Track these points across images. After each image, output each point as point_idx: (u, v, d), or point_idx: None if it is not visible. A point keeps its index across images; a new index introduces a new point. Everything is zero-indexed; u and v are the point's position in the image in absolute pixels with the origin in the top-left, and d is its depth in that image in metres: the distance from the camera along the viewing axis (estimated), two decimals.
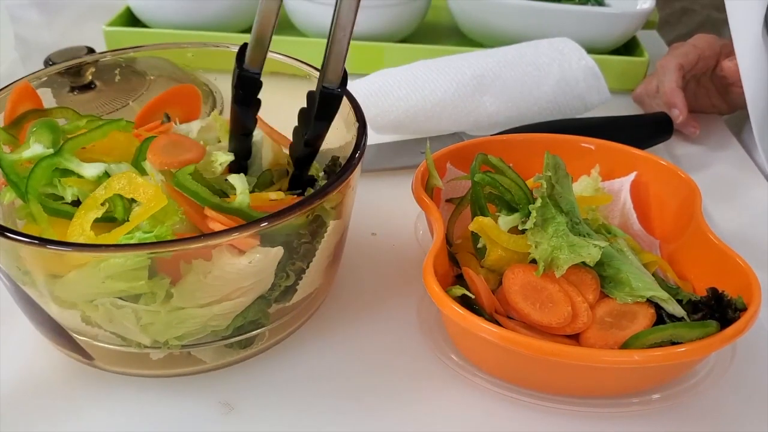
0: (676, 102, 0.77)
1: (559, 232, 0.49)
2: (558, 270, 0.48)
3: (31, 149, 0.50)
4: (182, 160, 0.48)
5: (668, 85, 0.78)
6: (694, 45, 0.81)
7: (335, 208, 0.49)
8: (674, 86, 0.78)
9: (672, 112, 0.78)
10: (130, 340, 0.47)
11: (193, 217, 0.46)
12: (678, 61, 0.79)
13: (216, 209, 0.46)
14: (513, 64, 0.76)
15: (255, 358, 0.52)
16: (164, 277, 0.44)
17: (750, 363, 0.52)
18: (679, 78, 0.78)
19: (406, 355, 0.52)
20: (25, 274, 0.45)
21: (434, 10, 1.01)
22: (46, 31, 1.03)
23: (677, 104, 0.77)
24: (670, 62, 0.80)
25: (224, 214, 0.46)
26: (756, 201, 0.72)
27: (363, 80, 0.75)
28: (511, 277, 0.49)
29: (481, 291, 0.48)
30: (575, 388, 0.48)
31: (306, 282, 0.49)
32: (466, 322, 0.44)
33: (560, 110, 0.78)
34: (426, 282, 0.46)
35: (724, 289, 0.47)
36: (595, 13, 0.90)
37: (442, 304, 0.45)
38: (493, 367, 0.49)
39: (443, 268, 0.51)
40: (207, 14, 0.93)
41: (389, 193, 0.66)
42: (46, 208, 0.48)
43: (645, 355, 0.43)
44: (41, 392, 0.50)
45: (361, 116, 0.52)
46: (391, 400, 0.49)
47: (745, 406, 0.49)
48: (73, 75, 0.68)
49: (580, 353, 0.44)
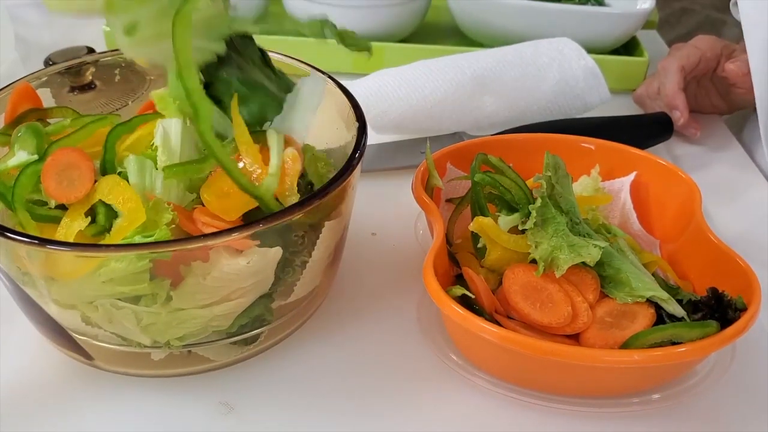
0: (678, 104, 0.77)
1: (559, 232, 0.49)
2: (558, 270, 0.48)
3: (16, 157, 0.49)
4: (71, 195, 0.47)
5: (670, 87, 0.78)
6: (696, 46, 0.81)
7: (335, 208, 0.49)
8: (676, 88, 0.78)
9: (673, 114, 0.78)
10: (131, 340, 0.47)
11: (183, 222, 0.46)
12: (680, 62, 0.79)
13: (242, 189, 0.45)
14: (513, 64, 0.76)
15: (255, 358, 0.52)
16: (165, 278, 0.44)
17: (750, 363, 0.52)
18: (680, 80, 0.78)
19: (406, 355, 0.52)
20: (25, 274, 0.45)
21: (434, 10, 1.01)
22: (46, 31, 1.03)
23: (679, 106, 0.77)
24: (672, 64, 0.80)
25: (214, 215, 0.46)
26: (756, 201, 0.72)
27: (363, 80, 0.75)
28: (511, 276, 0.49)
29: (481, 291, 0.48)
30: (575, 388, 0.48)
31: (306, 282, 0.49)
32: (465, 321, 0.44)
33: (560, 110, 0.78)
34: (426, 281, 0.46)
35: (724, 289, 0.47)
36: (595, 13, 0.90)
37: (441, 303, 0.45)
38: (493, 367, 0.49)
39: (443, 267, 0.51)
40: None
41: (389, 193, 0.66)
42: (33, 215, 0.47)
43: (645, 355, 0.44)
44: (41, 392, 0.50)
45: (361, 116, 0.52)
46: (391, 400, 0.49)
47: (745, 406, 0.50)
48: (73, 75, 0.68)
49: (580, 353, 0.44)
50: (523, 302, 0.48)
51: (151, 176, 0.48)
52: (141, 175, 0.48)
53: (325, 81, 0.54)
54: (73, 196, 0.47)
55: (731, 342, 0.44)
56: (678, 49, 0.82)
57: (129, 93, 0.72)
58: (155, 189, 0.48)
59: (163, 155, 0.48)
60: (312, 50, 0.91)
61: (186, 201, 0.48)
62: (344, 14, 0.91)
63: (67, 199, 0.47)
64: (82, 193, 0.47)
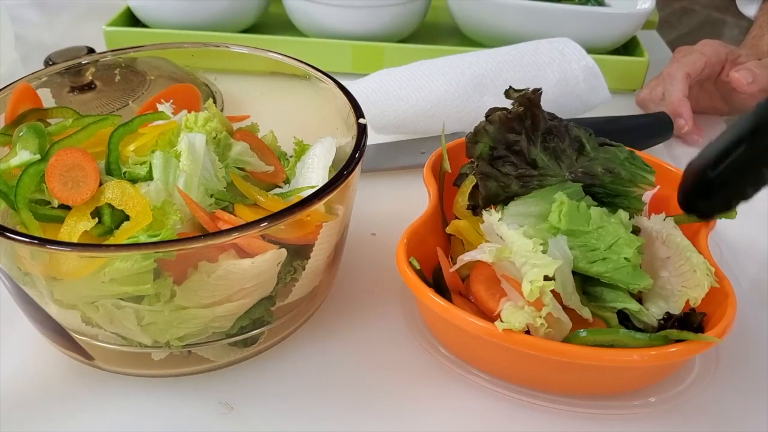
0: (683, 113, 0.78)
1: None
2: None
3: (18, 156, 0.49)
4: (77, 198, 0.47)
5: (675, 95, 0.78)
6: (701, 52, 0.81)
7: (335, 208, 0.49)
8: (681, 96, 0.78)
9: (677, 121, 0.78)
10: (131, 340, 0.47)
11: (205, 221, 0.47)
12: (686, 70, 0.79)
13: None
14: (513, 64, 0.76)
15: (255, 358, 0.52)
16: (168, 276, 0.44)
17: (750, 363, 0.52)
18: (686, 87, 0.79)
19: (405, 355, 0.52)
20: (25, 275, 0.45)
21: (434, 10, 1.01)
22: (46, 31, 1.04)
23: (683, 115, 0.78)
24: (678, 71, 0.80)
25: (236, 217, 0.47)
26: (756, 201, 0.72)
27: (363, 80, 0.75)
28: (479, 267, 0.51)
29: (444, 269, 0.50)
30: (522, 377, 0.49)
31: (305, 282, 0.49)
32: (412, 286, 0.47)
33: (560, 110, 0.77)
34: (398, 249, 0.49)
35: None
36: (595, 13, 0.90)
37: (400, 268, 0.48)
38: (452, 346, 0.51)
39: (440, 244, 0.54)
40: (207, 14, 0.93)
41: (389, 193, 0.66)
42: (36, 215, 0.47)
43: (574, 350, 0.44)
44: (41, 392, 0.50)
45: (361, 116, 0.52)
46: (391, 400, 0.49)
47: (744, 407, 0.49)
48: (73, 75, 0.68)
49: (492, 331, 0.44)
50: (484, 291, 0.50)
51: (174, 174, 0.49)
52: (166, 171, 0.49)
53: (334, 140, 0.56)
54: (80, 198, 0.47)
55: (714, 344, 0.44)
56: (683, 55, 0.82)
57: (129, 93, 0.72)
58: (177, 186, 0.48)
59: (187, 160, 0.49)
60: (312, 50, 0.91)
61: (205, 204, 0.49)
62: (344, 14, 0.91)
63: (74, 201, 0.47)
64: (88, 195, 0.47)
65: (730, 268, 0.59)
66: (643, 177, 0.53)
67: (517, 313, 0.44)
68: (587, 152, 0.53)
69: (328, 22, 0.92)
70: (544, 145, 0.52)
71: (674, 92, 0.79)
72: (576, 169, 0.52)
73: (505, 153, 0.52)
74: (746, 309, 0.56)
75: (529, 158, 0.51)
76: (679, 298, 0.47)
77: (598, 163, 0.52)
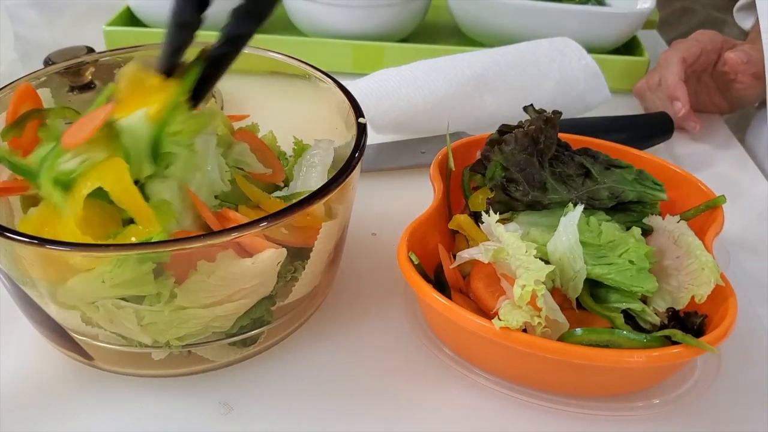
0: (679, 95, 0.77)
1: None
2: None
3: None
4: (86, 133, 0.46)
5: (671, 79, 0.78)
6: (697, 40, 0.81)
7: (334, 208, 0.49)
8: (677, 79, 0.78)
9: (674, 105, 0.78)
10: (131, 340, 0.47)
11: (212, 221, 0.47)
12: (681, 54, 0.79)
13: None
14: (513, 64, 0.76)
15: (255, 358, 0.52)
16: (169, 276, 0.44)
17: (754, 365, 0.52)
18: (681, 71, 0.79)
19: (406, 355, 0.52)
20: (25, 275, 0.45)
21: (434, 10, 1.01)
22: (46, 31, 1.03)
23: (680, 97, 0.77)
24: (673, 55, 0.80)
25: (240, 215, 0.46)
26: (756, 201, 0.72)
27: (363, 80, 0.75)
28: (480, 265, 0.51)
29: (445, 265, 0.51)
30: (521, 376, 0.49)
31: (305, 282, 0.49)
32: (411, 281, 0.47)
33: (561, 110, 0.77)
34: (399, 244, 0.49)
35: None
36: (595, 13, 0.90)
37: (400, 262, 0.48)
38: (453, 344, 0.51)
39: (444, 241, 0.55)
40: (207, 14, 0.93)
41: (389, 193, 0.66)
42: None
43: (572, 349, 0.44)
44: (41, 392, 0.50)
45: (361, 116, 0.52)
46: (391, 400, 0.49)
47: (749, 408, 0.49)
48: (72, 75, 0.68)
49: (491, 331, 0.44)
50: (484, 289, 0.50)
51: (192, 173, 0.49)
52: (188, 167, 0.49)
53: (332, 142, 0.57)
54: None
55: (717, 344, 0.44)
56: (679, 43, 0.82)
57: None
58: (191, 186, 0.48)
59: (202, 160, 0.49)
60: (312, 50, 0.91)
61: (210, 205, 0.49)
62: (344, 14, 0.91)
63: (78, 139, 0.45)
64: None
65: (731, 268, 0.59)
66: (653, 195, 0.54)
67: (514, 312, 0.44)
68: (593, 177, 0.53)
69: (328, 21, 0.92)
70: (551, 170, 0.53)
71: (670, 76, 0.79)
72: (582, 193, 0.52)
73: (517, 176, 0.52)
74: (750, 310, 0.56)
75: (540, 182, 0.52)
76: (685, 294, 0.48)
77: (605, 188, 0.53)
